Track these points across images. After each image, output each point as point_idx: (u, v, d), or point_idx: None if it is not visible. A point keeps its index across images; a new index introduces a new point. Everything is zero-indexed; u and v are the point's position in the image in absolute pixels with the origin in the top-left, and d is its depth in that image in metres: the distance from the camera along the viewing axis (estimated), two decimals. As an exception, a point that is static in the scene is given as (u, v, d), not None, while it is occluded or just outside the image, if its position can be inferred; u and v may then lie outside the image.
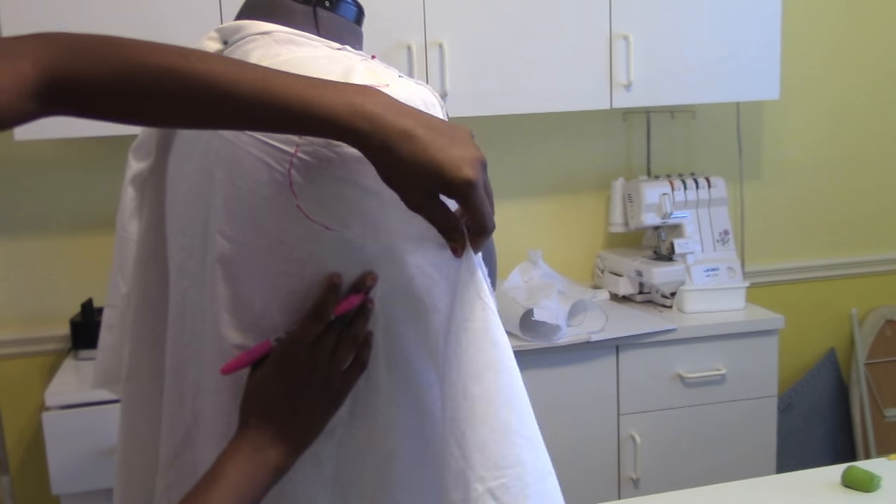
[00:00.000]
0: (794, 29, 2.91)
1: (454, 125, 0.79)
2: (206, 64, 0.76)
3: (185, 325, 0.97)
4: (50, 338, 2.53)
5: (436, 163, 0.75)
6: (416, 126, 0.76)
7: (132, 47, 0.77)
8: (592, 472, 2.45)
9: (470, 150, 0.77)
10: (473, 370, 0.80)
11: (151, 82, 0.76)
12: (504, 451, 0.79)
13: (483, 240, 0.80)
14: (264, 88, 0.76)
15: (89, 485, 2.11)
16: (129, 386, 1.09)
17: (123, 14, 2.16)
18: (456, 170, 0.75)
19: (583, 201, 2.90)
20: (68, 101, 0.77)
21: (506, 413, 0.80)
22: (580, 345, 2.35)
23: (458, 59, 2.39)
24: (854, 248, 3.16)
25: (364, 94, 0.77)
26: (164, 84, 0.76)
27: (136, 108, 0.78)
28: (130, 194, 1.05)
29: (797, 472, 1.63)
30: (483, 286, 0.82)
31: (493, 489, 0.78)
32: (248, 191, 0.86)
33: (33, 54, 0.76)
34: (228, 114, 0.77)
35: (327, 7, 0.97)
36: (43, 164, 2.49)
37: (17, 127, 0.78)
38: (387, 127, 0.75)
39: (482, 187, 0.77)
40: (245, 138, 0.86)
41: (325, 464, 0.90)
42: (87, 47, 0.77)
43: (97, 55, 0.77)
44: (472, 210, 0.77)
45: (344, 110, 0.75)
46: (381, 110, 0.76)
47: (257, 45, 0.91)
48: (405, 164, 0.75)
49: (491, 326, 0.82)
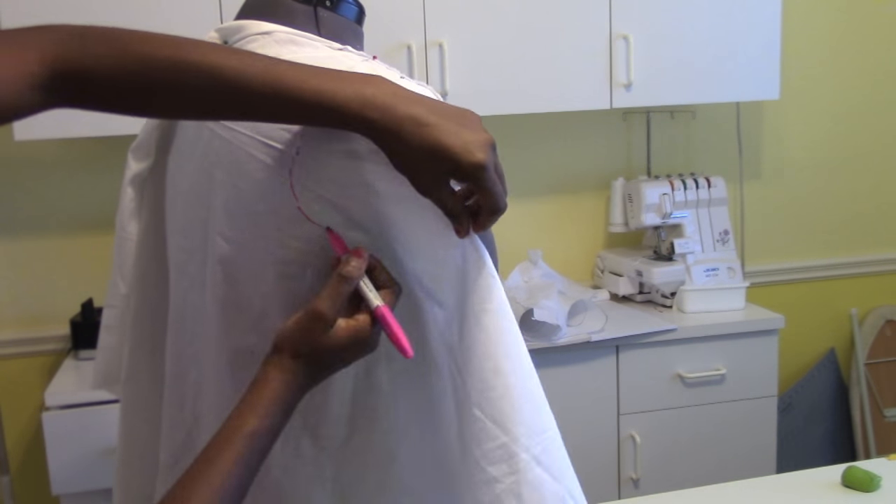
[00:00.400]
0: (794, 29, 2.91)
1: (462, 110, 0.80)
2: (214, 56, 0.76)
3: (186, 327, 0.97)
4: (50, 338, 2.53)
5: (447, 148, 0.76)
6: (425, 113, 0.76)
7: (141, 41, 0.77)
8: (592, 472, 2.45)
9: (479, 133, 0.78)
10: (503, 348, 0.83)
11: (160, 76, 0.76)
12: (540, 418, 0.85)
13: (495, 217, 0.82)
14: (273, 79, 0.76)
15: (89, 485, 2.11)
16: (129, 387, 1.09)
17: (123, 14, 2.16)
18: (468, 154, 0.76)
19: (583, 201, 2.90)
20: (75, 94, 0.77)
21: (533, 383, 0.85)
22: (580, 345, 2.35)
23: (458, 59, 2.39)
24: (854, 248, 3.16)
25: (372, 83, 0.77)
26: (172, 77, 0.75)
27: (144, 101, 0.78)
28: (130, 195, 1.05)
29: (797, 472, 1.63)
30: (492, 267, 0.84)
31: (536, 455, 0.83)
32: (248, 192, 0.85)
33: (40, 46, 0.76)
34: (237, 105, 0.77)
35: (328, 7, 0.96)
36: (43, 164, 2.49)
37: (22, 119, 0.77)
38: (397, 115, 0.76)
39: (493, 169, 0.78)
40: (245, 139, 0.86)
41: (325, 466, 0.90)
42: (94, 40, 0.77)
43: (105, 48, 0.77)
44: (484, 192, 0.78)
45: (354, 99, 0.76)
46: (390, 99, 0.76)
47: (258, 45, 0.91)
48: (417, 150, 0.76)
49: (507, 303, 0.85)
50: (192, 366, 0.96)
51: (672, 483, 2.34)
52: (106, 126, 2.20)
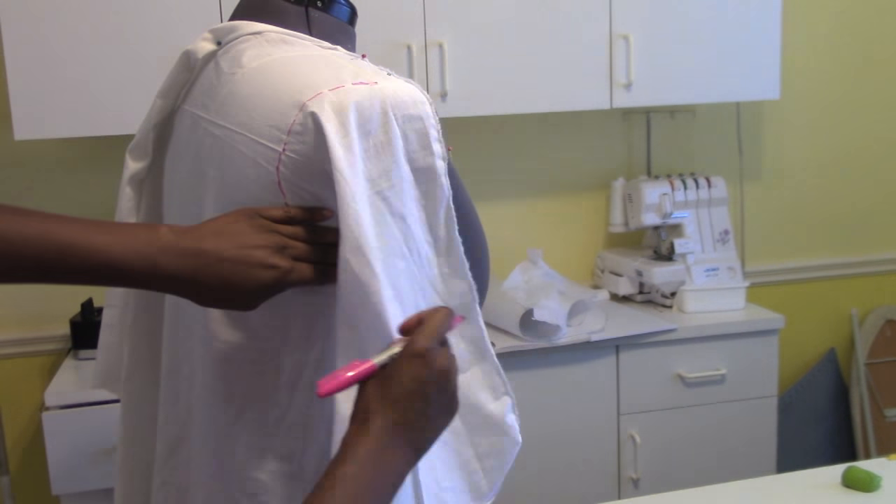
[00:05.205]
0: (794, 29, 2.91)
1: (231, 218, 0.83)
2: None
3: (181, 323, 0.98)
4: (50, 338, 2.53)
5: (240, 281, 0.80)
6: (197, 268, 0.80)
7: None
8: (592, 472, 2.45)
9: (258, 238, 0.82)
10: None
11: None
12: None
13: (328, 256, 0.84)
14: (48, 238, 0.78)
15: (89, 485, 2.11)
16: (129, 386, 1.09)
17: (123, 14, 2.16)
18: (255, 279, 0.80)
19: (583, 201, 2.90)
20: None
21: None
22: (580, 345, 2.35)
23: (458, 59, 2.39)
24: (854, 248, 3.15)
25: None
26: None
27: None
28: (128, 194, 1.06)
29: (797, 472, 1.63)
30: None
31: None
32: (238, 188, 0.87)
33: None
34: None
35: (319, 7, 0.98)
36: (43, 164, 2.49)
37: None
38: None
39: (291, 270, 0.81)
40: (237, 137, 0.87)
41: (305, 470, 0.90)
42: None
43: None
44: (299, 280, 0.83)
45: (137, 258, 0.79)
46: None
47: (250, 45, 0.92)
48: (217, 289, 0.80)
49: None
50: (186, 361, 0.97)
51: (672, 483, 2.34)
52: (105, 126, 2.21)
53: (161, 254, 0.78)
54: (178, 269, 0.79)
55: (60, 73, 2.14)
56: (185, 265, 0.79)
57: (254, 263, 0.80)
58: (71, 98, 2.16)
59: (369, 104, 0.83)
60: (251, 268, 0.80)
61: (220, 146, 0.89)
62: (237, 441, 0.90)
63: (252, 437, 0.90)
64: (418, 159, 0.85)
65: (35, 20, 2.11)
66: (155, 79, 1.07)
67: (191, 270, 0.79)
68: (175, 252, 0.79)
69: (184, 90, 0.99)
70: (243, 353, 0.89)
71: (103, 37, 2.16)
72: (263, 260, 0.80)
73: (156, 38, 2.18)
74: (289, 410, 0.89)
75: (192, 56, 0.97)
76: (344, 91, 0.83)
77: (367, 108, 0.83)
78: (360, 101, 0.83)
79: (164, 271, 0.78)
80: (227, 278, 0.79)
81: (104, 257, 0.77)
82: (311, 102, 0.83)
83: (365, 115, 0.82)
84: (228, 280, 0.79)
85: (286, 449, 0.90)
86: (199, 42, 0.97)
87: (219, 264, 0.79)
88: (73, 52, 2.14)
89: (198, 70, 0.97)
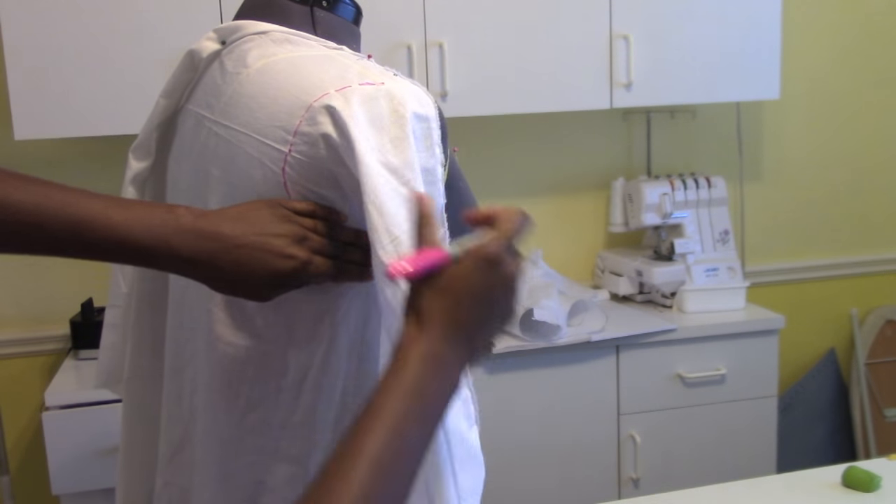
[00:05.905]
0: (794, 29, 2.91)
1: (253, 206, 0.82)
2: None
3: (184, 324, 0.97)
4: (50, 338, 2.53)
5: (262, 265, 0.79)
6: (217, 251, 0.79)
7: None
8: (592, 472, 2.45)
9: (278, 227, 0.81)
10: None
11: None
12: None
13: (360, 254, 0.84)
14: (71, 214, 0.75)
15: (89, 485, 2.11)
16: (131, 386, 1.09)
17: (124, 14, 2.16)
18: (277, 267, 0.79)
19: (583, 201, 2.90)
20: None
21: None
22: (580, 345, 2.35)
23: (458, 59, 2.39)
24: (854, 248, 3.16)
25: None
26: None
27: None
28: (131, 194, 1.05)
29: (797, 472, 1.63)
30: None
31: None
32: (243, 189, 0.86)
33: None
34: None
35: (324, 7, 0.97)
36: (43, 164, 2.49)
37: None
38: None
39: (310, 262, 0.80)
40: (242, 137, 0.87)
41: (310, 472, 0.90)
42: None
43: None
44: (315, 273, 0.81)
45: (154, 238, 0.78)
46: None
47: (254, 44, 0.92)
48: (232, 274, 0.79)
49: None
50: (190, 362, 0.97)
51: (672, 483, 2.34)
52: (105, 126, 2.21)
53: (177, 234, 0.77)
54: (195, 251, 0.78)
55: (60, 73, 2.14)
56: (201, 248, 0.78)
57: (272, 251, 0.79)
58: (71, 98, 2.16)
59: (377, 104, 0.83)
60: (269, 255, 0.79)
61: (224, 146, 0.89)
62: (241, 443, 0.90)
63: (257, 439, 0.90)
64: (423, 159, 0.85)
65: (35, 20, 2.11)
66: (155, 79, 1.07)
67: (207, 253, 0.78)
68: (193, 234, 0.78)
69: (188, 90, 0.99)
70: (248, 355, 0.89)
71: (103, 37, 2.16)
72: (282, 249, 0.79)
73: (156, 38, 2.18)
74: (294, 412, 0.89)
75: (196, 55, 0.97)
76: (350, 91, 0.83)
77: (375, 107, 0.83)
78: (367, 102, 0.83)
79: (180, 253, 0.77)
80: (244, 264, 0.78)
81: (121, 234, 0.76)
82: (318, 102, 0.82)
83: (375, 113, 0.82)
84: (245, 266, 0.78)
85: (291, 451, 0.89)
86: (204, 41, 0.96)
87: (236, 249, 0.78)
88: (73, 52, 2.14)
89: (202, 70, 0.97)
